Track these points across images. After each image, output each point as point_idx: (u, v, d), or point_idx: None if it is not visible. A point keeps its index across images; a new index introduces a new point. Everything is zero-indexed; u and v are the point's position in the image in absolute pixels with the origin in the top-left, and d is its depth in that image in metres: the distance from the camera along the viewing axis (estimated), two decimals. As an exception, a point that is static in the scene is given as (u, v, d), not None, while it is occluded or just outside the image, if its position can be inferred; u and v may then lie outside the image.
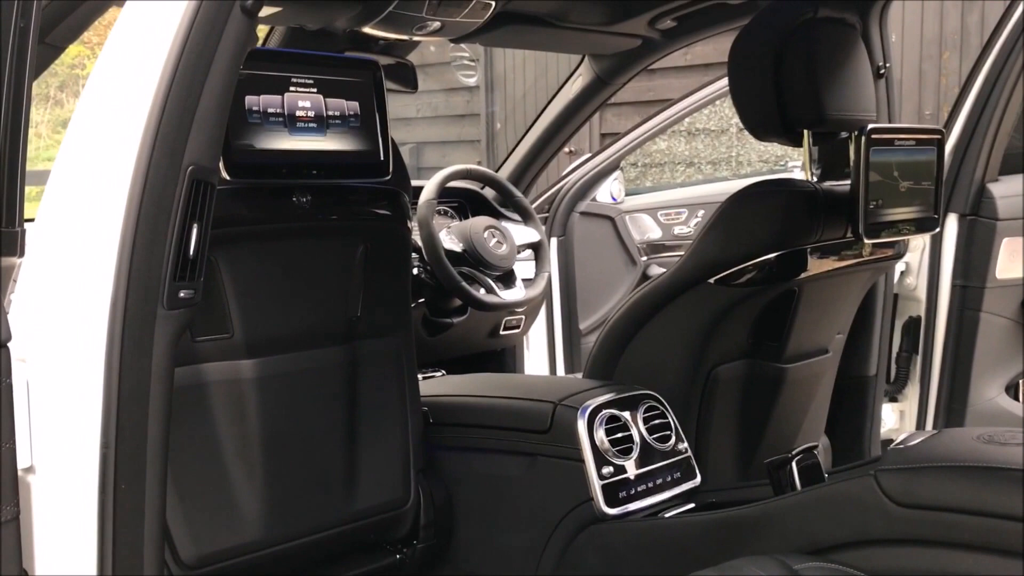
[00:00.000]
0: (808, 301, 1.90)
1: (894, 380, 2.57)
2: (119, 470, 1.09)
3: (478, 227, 2.49)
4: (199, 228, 1.12)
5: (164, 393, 1.12)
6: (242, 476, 1.57)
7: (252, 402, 1.58)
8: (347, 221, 1.69)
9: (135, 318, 1.08)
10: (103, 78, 1.11)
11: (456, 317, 2.60)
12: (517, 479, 1.77)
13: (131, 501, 1.10)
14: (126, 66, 1.09)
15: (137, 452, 1.10)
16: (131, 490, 1.10)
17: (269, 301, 1.60)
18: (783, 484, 1.54)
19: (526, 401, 1.80)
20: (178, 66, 1.06)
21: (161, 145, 1.07)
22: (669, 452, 1.77)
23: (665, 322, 1.88)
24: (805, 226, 1.77)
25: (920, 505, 1.26)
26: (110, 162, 1.08)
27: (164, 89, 1.07)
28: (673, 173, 6.24)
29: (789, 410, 2.04)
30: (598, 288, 3.28)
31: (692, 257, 1.84)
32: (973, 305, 2.42)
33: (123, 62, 1.10)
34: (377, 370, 1.75)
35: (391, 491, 1.76)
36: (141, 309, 1.09)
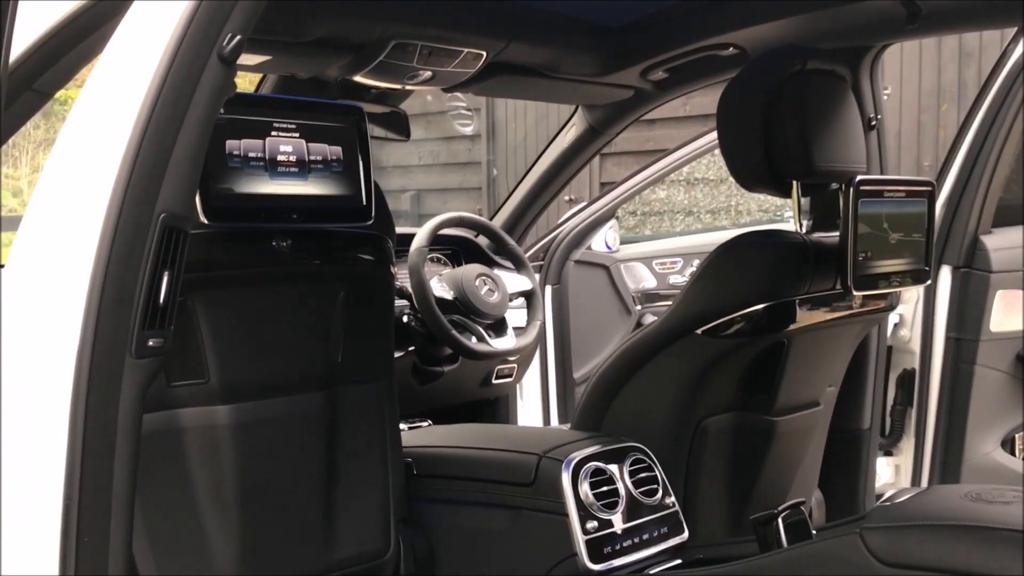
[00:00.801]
0: (798, 353, 1.88)
1: (889, 433, 2.54)
2: (82, 523, 1.06)
3: (470, 275, 2.48)
4: (170, 276, 1.11)
5: (131, 443, 1.10)
6: (216, 524, 1.54)
7: (228, 448, 1.55)
8: (328, 266, 1.67)
9: (102, 367, 1.06)
10: (78, 123, 1.10)
11: (447, 365, 2.58)
12: (501, 533, 1.74)
13: (95, 554, 1.08)
14: (101, 112, 1.09)
15: (101, 504, 1.08)
16: (95, 542, 1.08)
17: (247, 346, 1.58)
18: (769, 541, 1.51)
19: (510, 453, 1.77)
20: (152, 114, 1.06)
21: (133, 192, 1.06)
22: (656, 506, 1.73)
23: (653, 373, 1.86)
24: (793, 277, 1.76)
25: (906, 564, 1.23)
26: (81, 208, 1.07)
27: (138, 136, 1.06)
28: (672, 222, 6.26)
29: (780, 464, 2.00)
30: (593, 337, 3.26)
31: (680, 308, 1.83)
32: (968, 358, 2.40)
33: (98, 108, 1.09)
34: (358, 417, 1.73)
35: (371, 541, 1.73)
36: (109, 358, 1.07)
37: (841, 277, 1.75)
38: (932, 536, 1.22)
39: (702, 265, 1.81)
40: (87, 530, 1.07)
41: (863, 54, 2.04)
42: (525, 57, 2.12)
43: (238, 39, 1.09)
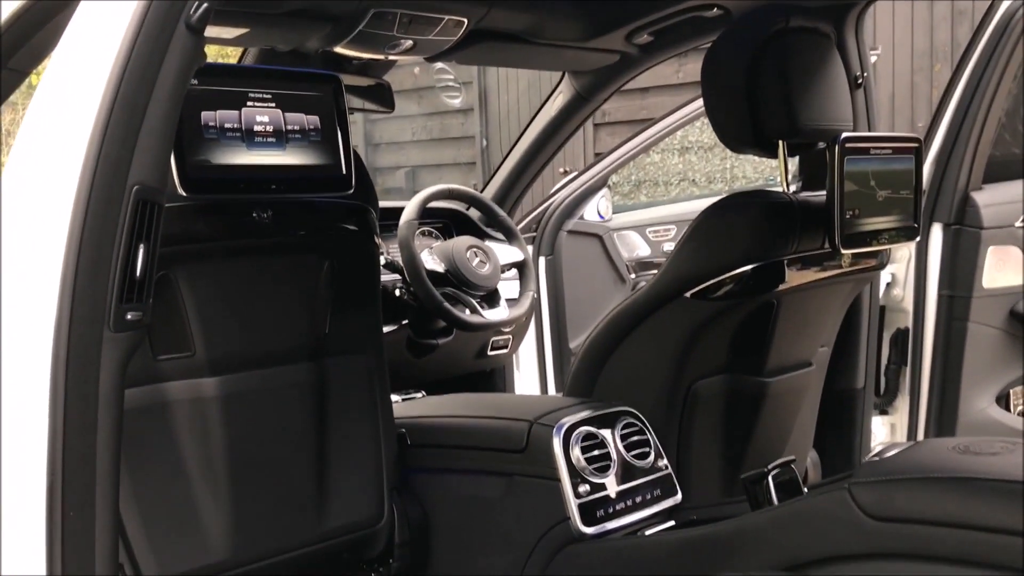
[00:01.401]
0: (788, 314, 1.87)
1: (884, 392, 2.54)
2: (67, 498, 1.06)
3: (460, 247, 2.48)
4: (146, 248, 1.10)
5: (113, 417, 1.10)
6: (208, 495, 1.55)
7: (216, 421, 1.56)
8: (310, 237, 1.67)
9: (80, 341, 1.06)
10: (46, 97, 1.09)
11: (441, 338, 2.58)
12: (494, 500, 1.74)
13: (81, 529, 1.08)
14: (68, 85, 1.08)
15: (86, 479, 1.08)
16: (80, 518, 1.08)
17: (232, 318, 1.58)
18: (760, 499, 1.51)
19: (502, 420, 1.78)
20: (120, 85, 1.05)
21: (104, 165, 1.05)
22: (648, 469, 1.74)
23: (643, 338, 1.86)
24: (781, 238, 1.75)
25: (894, 518, 1.23)
26: (52, 182, 1.06)
27: (107, 108, 1.05)
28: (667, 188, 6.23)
29: (773, 425, 2.01)
30: (587, 306, 3.26)
31: (668, 272, 1.82)
32: (960, 315, 2.40)
33: (65, 81, 1.08)
34: (348, 388, 1.73)
35: (364, 510, 1.73)
36: (86, 332, 1.06)
37: (828, 236, 1.74)
38: (920, 489, 1.22)
39: (690, 228, 1.80)
40: (72, 505, 1.07)
41: (847, 11, 2.02)
42: (507, 23, 2.10)
43: (205, 7, 1.08)
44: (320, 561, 1.71)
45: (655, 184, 6.27)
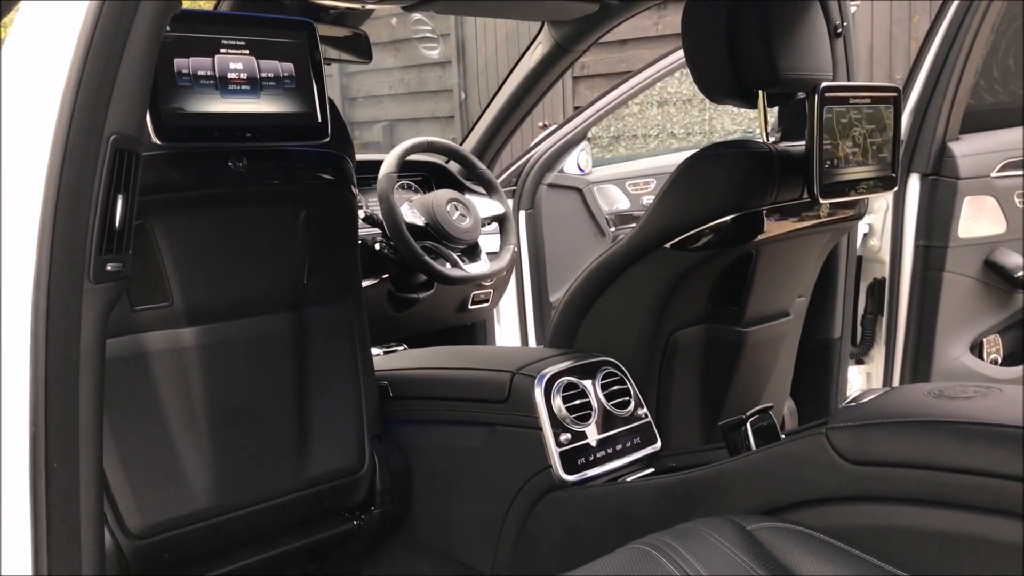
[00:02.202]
0: (766, 264, 1.89)
1: (860, 342, 2.57)
2: (50, 449, 1.06)
3: (441, 200, 2.47)
4: (125, 199, 1.09)
5: (95, 369, 1.09)
6: (189, 444, 1.56)
7: (196, 370, 1.56)
8: (286, 186, 1.66)
9: (60, 293, 1.05)
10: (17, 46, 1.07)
11: (422, 292, 2.58)
12: (477, 449, 1.76)
13: (65, 480, 1.08)
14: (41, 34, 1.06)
15: (69, 430, 1.08)
16: (64, 469, 1.08)
17: (209, 268, 1.58)
18: (738, 445, 1.53)
19: (484, 371, 1.79)
20: (95, 32, 1.03)
21: (80, 114, 1.04)
22: (628, 418, 1.75)
23: (623, 289, 1.86)
24: (760, 188, 1.75)
25: (871, 461, 1.25)
26: (28, 133, 1.05)
27: (81, 55, 1.03)
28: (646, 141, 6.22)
29: (751, 374, 2.03)
30: (568, 260, 3.27)
31: (648, 223, 1.82)
32: (936, 265, 2.42)
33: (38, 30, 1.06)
34: (327, 337, 1.73)
35: (345, 457, 1.75)
36: (66, 283, 1.06)
37: (807, 186, 1.75)
38: (895, 433, 1.24)
39: (670, 180, 1.80)
40: (55, 456, 1.07)
41: (828, -40, 2.01)
42: (487, -30, 2.08)
43: (180, -48, 1.06)
44: (302, 508, 1.73)
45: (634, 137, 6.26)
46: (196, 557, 1.63)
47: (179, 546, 1.56)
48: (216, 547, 1.65)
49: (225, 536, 1.63)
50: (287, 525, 1.74)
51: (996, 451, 1.14)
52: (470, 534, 1.78)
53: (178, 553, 1.57)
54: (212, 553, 1.66)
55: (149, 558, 1.53)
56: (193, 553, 1.61)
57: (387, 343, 2.54)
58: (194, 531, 1.57)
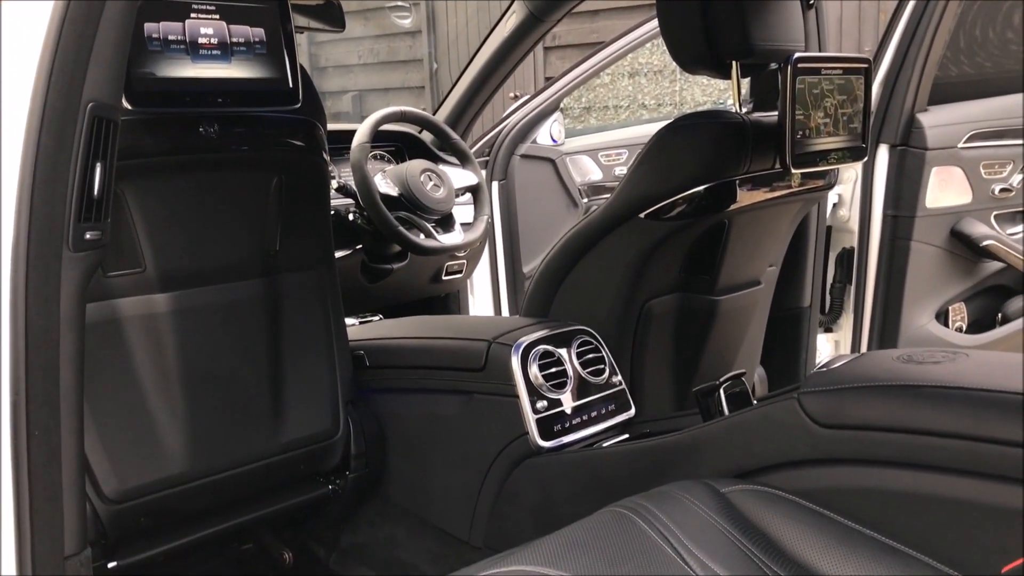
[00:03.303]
0: (738, 233, 1.91)
1: (828, 311, 2.61)
2: (31, 417, 1.07)
3: (414, 170, 2.46)
4: (103, 167, 1.09)
5: (75, 336, 1.10)
6: (164, 410, 1.57)
7: (170, 336, 1.57)
8: (258, 152, 1.66)
9: (39, 262, 1.05)
10: (-8, 12, 1.06)
11: (396, 263, 2.58)
12: (454, 417, 1.78)
13: (46, 448, 1.08)
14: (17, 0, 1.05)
15: (50, 398, 1.08)
16: (46, 437, 1.08)
17: (181, 234, 1.58)
18: (712, 411, 1.56)
19: (461, 340, 1.80)
20: (71, -2, 1.02)
21: (57, 82, 1.03)
22: (603, 385, 1.78)
23: (597, 258, 1.88)
24: (733, 158, 1.77)
25: (842, 425, 1.28)
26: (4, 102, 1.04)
27: (57, 23, 1.02)
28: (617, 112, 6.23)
29: (722, 342, 2.06)
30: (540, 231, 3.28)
31: (622, 193, 1.84)
32: (904, 235, 2.46)
33: (13, -5, 1.05)
34: (300, 304, 1.74)
35: (320, 422, 1.77)
36: (45, 252, 1.05)
37: (780, 156, 1.77)
38: (866, 397, 1.27)
39: (644, 150, 1.82)
40: (37, 424, 1.07)
41: (800, -70, 2.02)
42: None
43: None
44: (278, 473, 1.74)
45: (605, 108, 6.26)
46: (172, 522, 1.64)
47: (155, 511, 1.58)
48: (192, 511, 1.67)
49: (201, 500, 1.65)
50: (263, 490, 1.76)
51: (964, 414, 1.18)
52: (447, 500, 1.80)
53: (154, 517, 1.59)
54: (188, 517, 1.67)
55: (125, 522, 1.54)
56: (169, 518, 1.63)
57: (362, 313, 2.54)
58: (170, 495, 1.58)
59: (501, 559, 1.21)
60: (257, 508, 1.75)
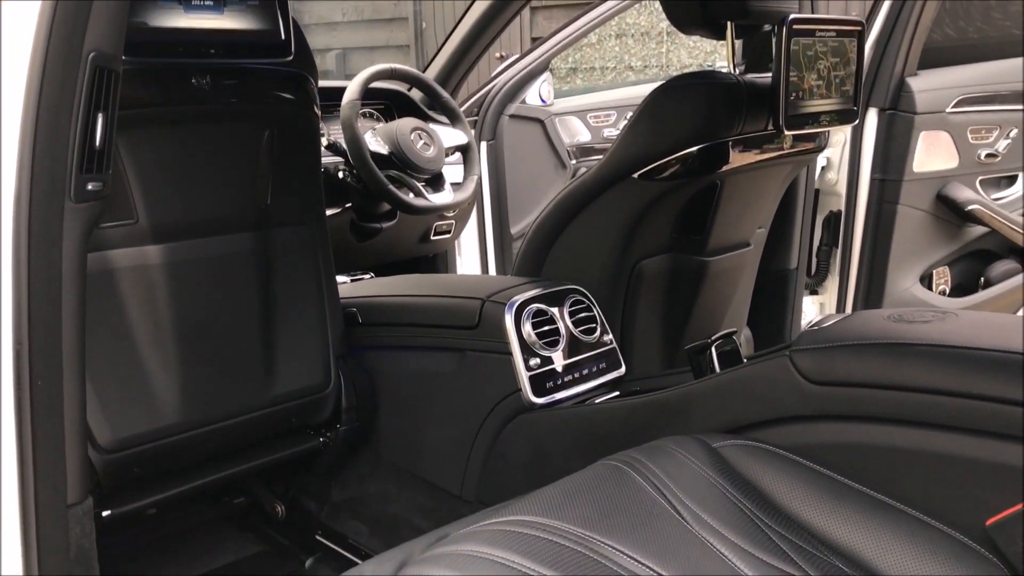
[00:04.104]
0: (730, 195, 1.92)
1: (815, 273, 2.64)
2: (34, 367, 1.07)
3: (405, 129, 2.45)
4: (105, 118, 1.09)
5: (77, 287, 1.10)
6: (157, 361, 1.58)
7: (162, 288, 1.58)
8: (250, 104, 1.66)
9: (42, 212, 1.05)
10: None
11: (385, 222, 2.58)
12: (447, 374, 1.79)
13: (49, 397, 1.09)
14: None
15: (52, 348, 1.08)
16: (48, 386, 1.09)
17: (173, 186, 1.58)
18: (703, 368, 1.58)
19: (455, 298, 1.81)
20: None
21: (59, 31, 1.02)
22: (595, 344, 1.80)
23: (591, 218, 1.89)
24: (728, 118, 1.78)
25: (833, 382, 1.30)
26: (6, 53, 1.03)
27: (59, -29, 1.01)
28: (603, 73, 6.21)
29: (711, 302, 2.08)
30: (529, 192, 3.28)
31: (616, 153, 1.85)
32: (891, 198, 2.48)
33: (13, -58, 1.04)
34: (291, 258, 1.75)
35: (310, 376, 1.78)
36: (48, 203, 1.05)
37: (773, 117, 1.78)
38: (857, 354, 1.29)
39: (639, 110, 1.82)
40: (40, 374, 1.08)
41: None
42: None
43: None
44: (269, 425, 1.76)
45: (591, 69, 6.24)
46: (165, 472, 1.66)
47: (148, 461, 1.59)
48: (185, 462, 1.68)
49: (194, 451, 1.67)
50: (255, 441, 1.78)
51: (953, 371, 1.20)
52: (439, 455, 1.82)
53: (147, 468, 1.60)
54: (181, 468, 1.69)
55: (119, 472, 1.56)
56: (162, 468, 1.64)
57: (352, 272, 2.54)
58: (163, 446, 1.60)
59: (498, 510, 1.24)
60: (249, 460, 1.77)
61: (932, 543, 1.16)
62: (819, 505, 1.23)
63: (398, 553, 1.29)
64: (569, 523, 1.15)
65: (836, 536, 1.19)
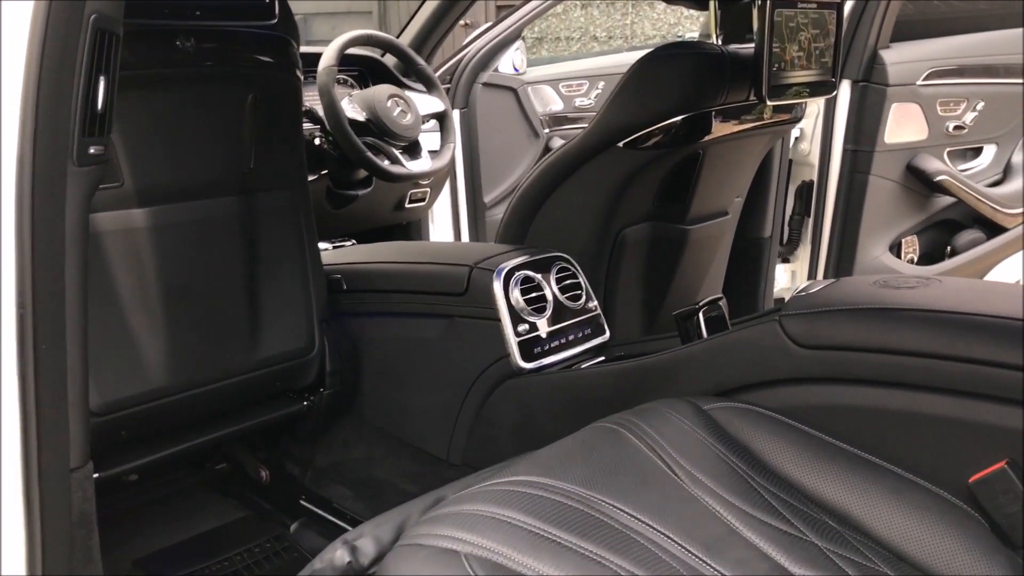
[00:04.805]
0: (711, 164, 1.95)
1: (787, 242, 2.68)
2: (38, 331, 1.07)
3: (382, 95, 2.43)
4: (106, 81, 1.08)
5: (79, 251, 1.09)
6: (143, 325, 1.58)
7: (148, 251, 1.58)
8: (233, 67, 1.66)
9: (45, 176, 1.04)
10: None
11: (360, 189, 2.57)
12: (434, 340, 1.80)
13: (53, 361, 1.09)
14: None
15: (56, 312, 1.08)
16: (52, 350, 1.08)
17: (159, 149, 1.58)
18: (690, 333, 1.61)
19: (442, 265, 1.82)
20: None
21: None
22: (580, 310, 1.82)
23: (576, 186, 1.91)
24: (712, 88, 1.80)
25: (822, 346, 1.34)
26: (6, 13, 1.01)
27: (61, -71, 1.00)
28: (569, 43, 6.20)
29: (691, 270, 2.11)
30: (501, 161, 3.28)
31: (602, 121, 1.86)
32: (863, 169, 2.53)
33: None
34: (274, 222, 1.76)
35: (295, 340, 1.79)
36: (51, 167, 1.04)
37: (755, 87, 1.80)
38: (847, 319, 1.32)
39: (625, 78, 1.84)
40: (44, 338, 1.07)
41: None
42: None
43: None
44: (255, 388, 1.77)
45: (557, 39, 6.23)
46: (152, 435, 1.67)
47: (136, 424, 1.59)
48: (171, 425, 1.69)
49: (180, 415, 1.68)
50: (240, 405, 1.79)
51: (939, 335, 1.24)
52: (426, 420, 1.84)
53: (134, 432, 1.60)
54: (168, 432, 1.70)
55: (107, 435, 1.56)
56: (149, 432, 1.65)
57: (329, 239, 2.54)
58: (151, 409, 1.60)
59: (496, 472, 1.26)
60: (234, 423, 1.79)
61: (918, 500, 1.20)
62: (808, 465, 1.27)
63: (395, 515, 1.31)
64: (570, 483, 1.17)
65: (825, 494, 1.23)
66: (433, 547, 1.04)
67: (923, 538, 1.16)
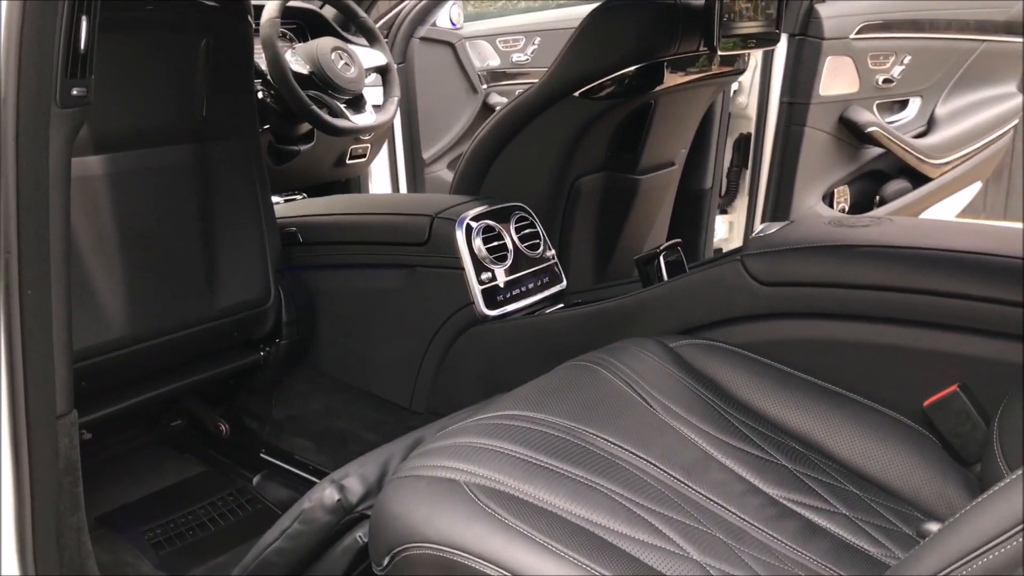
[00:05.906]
0: (661, 114, 2.00)
1: (725, 194, 2.76)
2: (24, 277, 1.06)
3: (325, 48, 2.41)
4: (88, 21, 1.06)
5: (63, 195, 1.08)
6: (102, 274, 1.57)
7: (104, 198, 1.57)
8: (185, 12, 1.65)
9: (28, 118, 1.03)
10: None
11: (302, 145, 2.55)
12: (396, 290, 1.82)
13: (39, 306, 1.08)
14: None
15: (41, 257, 1.07)
16: (37, 295, 1.08)
17: (112, 96, 1.56)
18: (651, 277, 1.66)
19: (402, 216, 1.83)
20: None
21: None
22: (538, 259, 1.85)
23: (531, 136, 1.94)
24: (665, 39, 1.84)
25: (783, 283, 1.41)
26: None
27: None
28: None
29: (640, 219, 2.17)
30: (440, 117, 3.28)
31: (557, 72, 1.89)
32: (798, 121, 2.61)
33: None
34: (228, 171, 1.76)
35: (251, 290, 1.80)
36: (35, 108, 1.03)
37: (706, 38, 1.85)
38: (805, 257, 1.39)
39: (579, 28, 1.86)
40: (29, 284, 1.06)
41: None
42: None
43: None
44: (212, 339, 1.77)
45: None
46: (112, 386, 1.65)
47: (95, 375, 1.58)
48: (131, 376, 1.69)
49: (140, 366, 1.67)
50: (197, 356, 1.79)
51: (894, 269, 1.32)
52: (388, 370, 1.86)
53: (94, 383, 1.59)
54: (127, 382, 1.69)
55: None
56: (109, 382, 1.64)
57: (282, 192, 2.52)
58: (110, 359, 1.60)
59: (477, 409, 1.29)
60: (192, 374, 1.79)
61: (876, 424, 1.28)
62: (773, 395, 1.34)
63: (378, 455, 1.34)
64: (555, 416, 1.21)
65: (790, 422, 1.31)
66: (432, 477, 1.08)
67: (882, 458, 1.24)
